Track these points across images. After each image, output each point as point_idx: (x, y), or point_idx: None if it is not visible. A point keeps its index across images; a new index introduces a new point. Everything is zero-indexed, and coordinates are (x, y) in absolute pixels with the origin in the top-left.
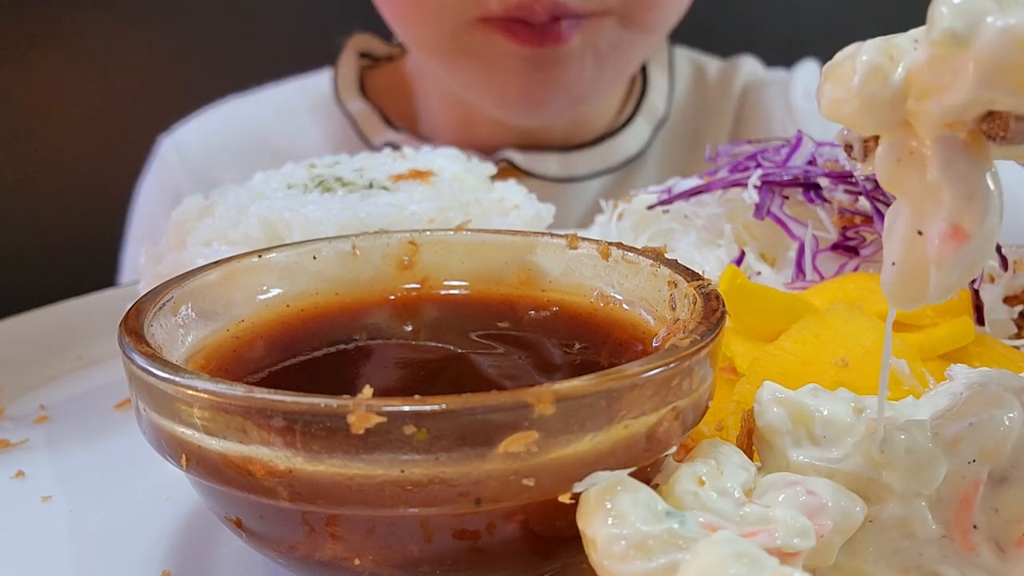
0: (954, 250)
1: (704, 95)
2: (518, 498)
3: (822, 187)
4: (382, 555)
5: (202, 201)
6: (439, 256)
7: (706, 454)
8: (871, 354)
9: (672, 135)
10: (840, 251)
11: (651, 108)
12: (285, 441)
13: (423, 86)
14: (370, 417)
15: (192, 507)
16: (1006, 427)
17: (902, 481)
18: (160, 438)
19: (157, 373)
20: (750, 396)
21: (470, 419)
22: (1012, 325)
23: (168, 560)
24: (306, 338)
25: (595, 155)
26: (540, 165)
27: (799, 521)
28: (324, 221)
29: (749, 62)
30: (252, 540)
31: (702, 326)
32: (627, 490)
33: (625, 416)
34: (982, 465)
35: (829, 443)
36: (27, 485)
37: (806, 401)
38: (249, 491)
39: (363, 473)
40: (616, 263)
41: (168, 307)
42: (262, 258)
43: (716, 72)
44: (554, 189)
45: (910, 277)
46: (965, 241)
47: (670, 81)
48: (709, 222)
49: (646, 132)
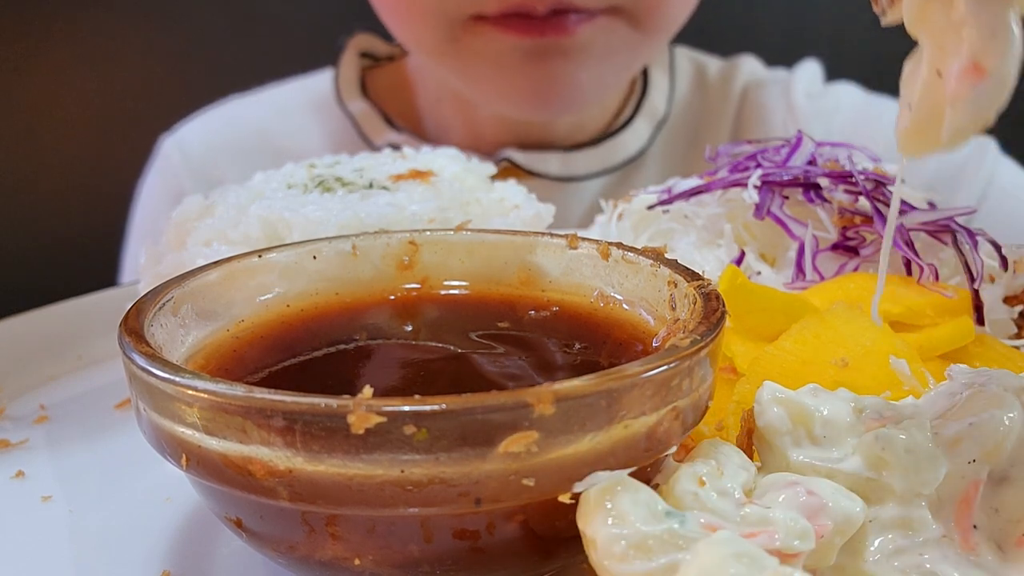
0: (971, 86)
1: (705, 95)
2: (518, 498)
3: (822, 187)
4: (382, 555)
5: (202, 201)
6: (439, 256)
7: (706, 454)
8: (871, 354)
9: (672, 135)
10: (840, 251)
11: (651, 108)
12: (285, 441)
13: (424, 86)
14: (370, 417)
15: (192, 507)
16: (1006, 427)
17: (902, 481)
18: (160, 438)
19: (157, 373)
20: (750, 396)
21: (470, 419)
22: (1012, 325)
23: (168, 560)
24: (306, 338)
25: (595, 155)
26: (541, 164)
27: (799, 523)
28: (324, 221)
29: (749, 62)
30: (252, 540)
31: (702, 326)
32: (627, 490)
33: (625, 416)
34: (982, 465)
35: (829, 443)
36: (27, 485)
37: (806, 401)
38: (249, 491)
39: (363, 473)
40: (616, 263)
41: (168, 307)
42: (262, 258)
43: (717, 72)
44: (555, 188)
45: (925, 120)
46: (983, 78)
47: (671, 81)
48: (709, 222)
49: (646, 132)
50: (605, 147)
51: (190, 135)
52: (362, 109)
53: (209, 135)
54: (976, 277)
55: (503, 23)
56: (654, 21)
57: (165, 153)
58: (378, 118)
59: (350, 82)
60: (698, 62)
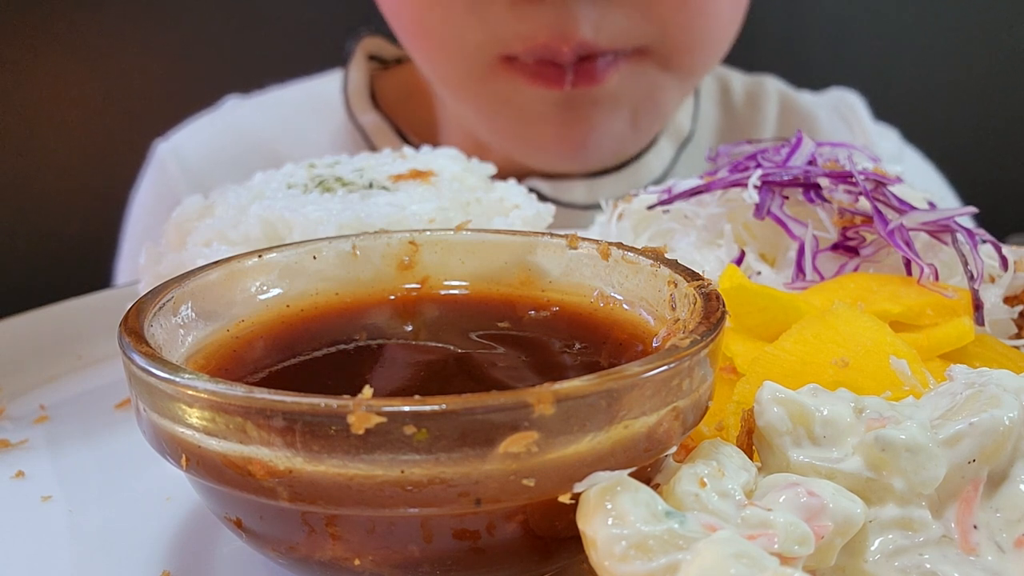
0: None
1: (730, 113)
2: (518, 498)
3: (822, 187)
4: (382, 555)
5: (202, 201)
6: (439, 256)
7: (707, 455)
8: (871, 354)
9: (697, 154)
10: (840, 251)
11: (676, 127)
12: (285, 441)
13: (442, 100)
14: (370, 417)
15: (192, 507)
16: (1006, 427)
17: (902, 481)
18: (160, 438)
19: (157, 373)
20: (750, 396)
21: (470, 419)
22: (1012, 325)
23: (168, 560)
24: (306, 338)
25: (620, 180)
26: (566, 193)
27: (799, 528)
28: (324, 221)
29: (773, 81)
30: (252, 540)
31: (702, 326)
32: (627, 490)
33: (625, 416)
34: (982, 465)
35: (829, 443)
36: (27, 485)
37: (806, 401)
38: (249, 491)
39: (363, 473)
40: (616, 263)
41: (168, 307)
42: (262, 258)
43: (741, 89)
44: (581, 217)
45: None
46: None
47: (695, 98)
48: (709, 222)
49: (670, 153)
50: (630, 170)
51: (188, 143)
52: (373, 121)
53: (208, 144)
54: (976, 277)
55: (531, 72)
56: (684, 62)
57: (160, 161)
58: (390, 131)
59: (360, 91)
60: (722, 78)
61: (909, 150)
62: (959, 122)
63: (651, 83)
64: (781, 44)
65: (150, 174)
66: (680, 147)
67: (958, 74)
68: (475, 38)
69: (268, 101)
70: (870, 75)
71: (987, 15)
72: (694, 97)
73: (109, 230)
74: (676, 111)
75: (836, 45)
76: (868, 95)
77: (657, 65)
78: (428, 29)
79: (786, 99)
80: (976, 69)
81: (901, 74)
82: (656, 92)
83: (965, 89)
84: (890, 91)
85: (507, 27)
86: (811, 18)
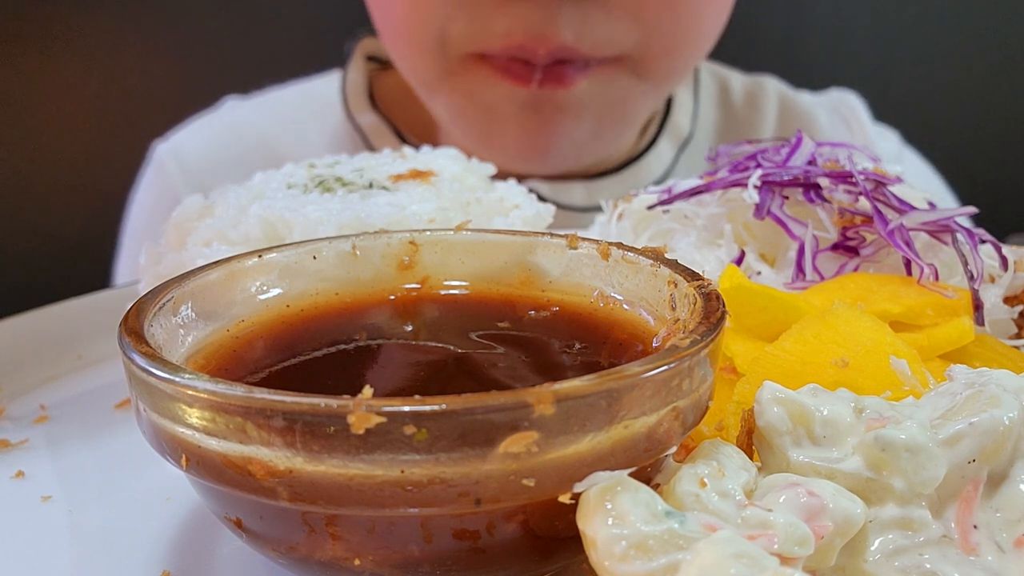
0: None
1: (730, 113)
2: (518, 498)
3: (822, 187)
4: (382, 555)
5: (202, 201)
6: (439, 256)
7: (707, 455)
8: (871, 354)
9: (697, 154)
10: (840, 251)
11: (675, 128)
12: (285, 441)
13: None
14: (370, 417)
15: (192, 507)
16: (1006, 427)
17: (902, 481)
18: (160, 438)
19: (157, 373)
20: (750, 396)
21: (470, 419)
22: (1012, 325)
23: (168, 560)
24: (306, 338)
25: (620, 181)
26: (566, 195)
27: (799, 528)
28: (324, 221)
29: (772, 82)
30: (252, 540)
31: (702, 326)
32: (627, 490)
33: (625, 416)
34: (982, 465)
35: (829, 443)
36: (27, 485)
37: (806, 401)
38: (249, 491)
39: (363, 473)
40: (616, 263)
41: (168, 307)
42: (262, 258)
43: (741, 89)
44: (580, 219)
45: None
46: None
47: (695, 98)
48: (709, 222)
49: (670, 154)
50: (629, 172)
51: (187, 143)
52: (371, 122)
53: (207, 144)
54: (976, 277)
55: (502, 67)
56: (662, 68)
57: (160, 162)
58: (389, 132)
59: (358, 92)
60: (721, 77)
61: (909, 151)
62: (959, 122)
63: (621, 91)
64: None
65: (149, 174)
66: (680, 147)
67: (958, 74)
68: (456, 30)
69: (267, 101)
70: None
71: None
72: (694, 97)
73: (109, 230)
74: (643, 119)
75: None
76: (868, 95)
77: (631, 72)
78: (408, 17)
79: (786, 99)
80: (976, 69)
81: (901, 74)
82: (626, 100)
83: (965, 89)
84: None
85: (489, 22)
86: (811, 18)
